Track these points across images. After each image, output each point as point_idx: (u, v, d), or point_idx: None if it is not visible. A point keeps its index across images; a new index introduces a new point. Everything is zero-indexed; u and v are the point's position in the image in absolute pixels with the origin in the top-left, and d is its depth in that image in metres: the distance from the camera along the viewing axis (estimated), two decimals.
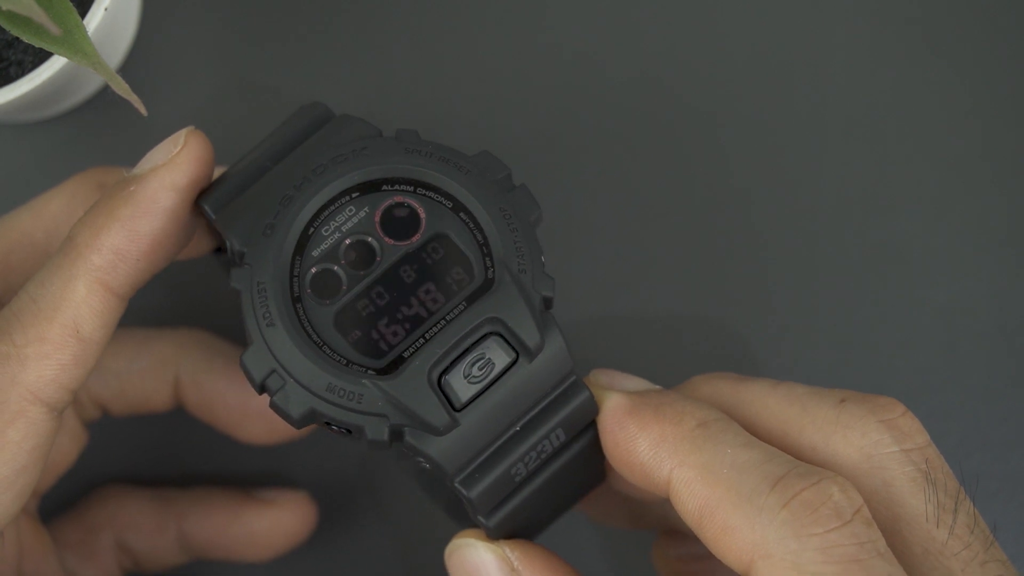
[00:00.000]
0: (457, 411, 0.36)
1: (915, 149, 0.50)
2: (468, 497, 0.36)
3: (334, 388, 0.35)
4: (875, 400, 0.37)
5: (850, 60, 0.50)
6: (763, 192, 0.50)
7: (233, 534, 0.46)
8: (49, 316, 0.37)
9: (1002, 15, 0.50)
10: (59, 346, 0.36)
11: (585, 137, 0.49)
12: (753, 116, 0.50)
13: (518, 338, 0.36)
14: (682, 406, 0.36)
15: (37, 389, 0.36)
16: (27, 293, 0.37)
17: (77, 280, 0.37)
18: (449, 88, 0.49)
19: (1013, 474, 0.49)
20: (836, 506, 0.33)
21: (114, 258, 0.37)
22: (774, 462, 0.34)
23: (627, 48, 0.50)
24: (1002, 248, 0.50)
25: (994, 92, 0.50)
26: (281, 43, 0.49)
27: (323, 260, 0.37)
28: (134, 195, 0.37)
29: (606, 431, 0.37)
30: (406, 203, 0.38)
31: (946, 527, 0.35)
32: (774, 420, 0.37)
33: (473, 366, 0.36)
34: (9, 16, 0.36)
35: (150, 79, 0.48)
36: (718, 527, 0.34)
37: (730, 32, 0.50)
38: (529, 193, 0.38)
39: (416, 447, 0.36)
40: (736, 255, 0.49)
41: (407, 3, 0.49)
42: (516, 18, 0.49)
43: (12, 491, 0.37)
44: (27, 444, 0.37)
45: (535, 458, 0.37)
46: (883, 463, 0.36)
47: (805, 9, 0.50)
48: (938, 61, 0.50)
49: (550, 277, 0.37)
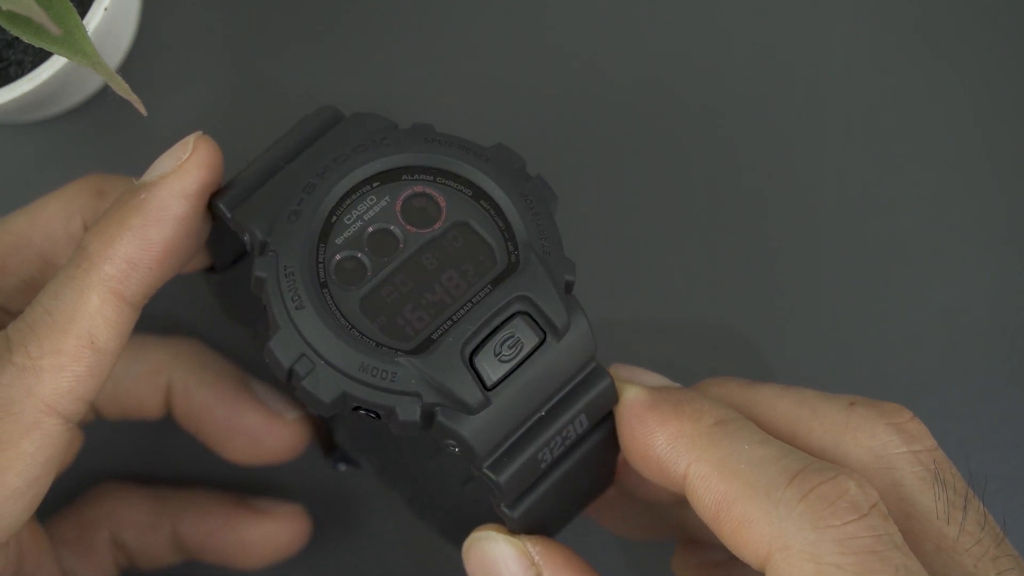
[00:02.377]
0: (488, 390, 0.36)
1: (915, 149, 0.50)
2: (497, 482, 0.36)
3: (367, 367, 0.35)
4: (884, 405, 0.37)
5: (850, 60, 0.50)
6: (763, 192, 0.49)
7: (226, 540, 0.46)
8: (64, 328, 0.36)
9: (1002, 15, 0.50)
10: (74, 357, 0.36)
11: (586, 138, 0.49)
12: (754, 116, 0.50)
13: (546, 317, 0.36)
14: (701, 404, 0.37)
15: (53, 401, 0.36)
16: (40, 305, 0.37)
17: (91, 291, 0.37)
18: (452, 89, 0.49)
19: (1014, 474, 0.49)
20: (853, 500, 0.33)
21: (127, 267, 0.37)
22: (791, 458, 0.35)
23: (629, 49, 0.50)
24: (1002, 248, 0.50)
25: (994, 92, 0.50)
26: (282, 43, 0.49)
27: (347, 247, 0.37)
28: (144, 203, 0.37)
29: (624, 423, 0.37)
30: (426, 192, 0.38)
31: (957, 524, 0.35)
32: (784, 422, 0.38)
33: (503, 345, 0.36)
34: (9, 16, 0.36)
35: (150, 79, 0.48)
36: (735, 521, 0.34)
37: (731, 32, 0.50)
38: (545, 182, 0.38)
39: (448, 427, 0.36)
40: (736, 254, 0.49)
41: (409, 2, 0.49)
42: (519, 20, 0.49)
43: (23, 501, 0.37)
44: (41, 456, 0.37)
45: (560, 443, 0.37)
46: (892, 463, 0.36)
47: (806, 10, 0.50)
48: (938, 61, 0.50)
49: (571, 261, 0.37)
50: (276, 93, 0.49)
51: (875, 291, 0.49)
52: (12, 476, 0.36)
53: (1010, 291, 0.50)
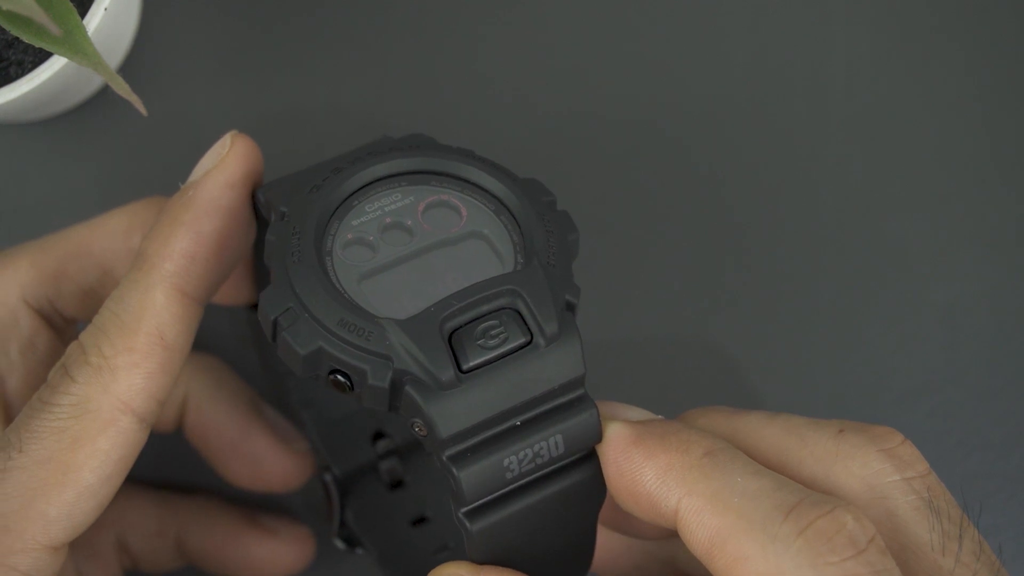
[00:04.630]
0: (463, 372, 0.35)
1: (915, 149, 0.50)
2: (455, 475, 0.35)
3: (346, 323, 0.35)
4: (873, 430, 0.36)
5: (850, 61, 0.50)
6: (763, 191, 0.50)
7: (230, 555, 0.46)
8: (134, 327, 0.37)
9: (1002, 15, 0.50)
10: (146, 355, 0.37)
11: (578, 144, 0.49)
12: (753, 116, 0.50)
13: (535, 319, 0.35)
14: (688, 435, 0.36)
15: (128, 399, 0.37)
16: (108, 310, 0.38)
17: (154, 289, 0.38)
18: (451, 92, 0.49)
19: (1013, 474, 0.49)
20: (851, 535, 0.33)
21: (185, 262, 0.38)
22: (785, 490, 0.34)
23: (626, 55, 0.50)
24: (1002, 248, 0.50)
25: (994, 92, 0.50)
26: (282, 43, 0.49)
27: (360, 229, 0.37)
28: (192, 199, 0.39)
29: (610, 460, 0.36)
30: (451, 201, 0.38)
31: (952, 555, 0.35)
32: (772, 451, 0.37)
33: (487, 333, 0.35)
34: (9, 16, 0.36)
35: (150, 79, 0.48)
36: (730, 557, 0.33)
37: (729, 35, 0.50)
38: (570, 217, 0.38)
39: (414, 399, 0.35)
40: (736, 254, 0.49)
41: (410, 3, 0.49)
42: (518, 31, 0.49)
43: (95, 499, 0.37)
44: (115, 454, 0.37)
45: (530, 459, 0.35)
46: (886, 492, 0.35)
47: (806, 10, 0.50)
48: (938, 61, 0.50)
49: (577, 286, 0.37)
50: (276, 93, 0.49)
51: (874, 291, 0.50)
52: (87, 473, 0.37)
53: (1010, 291, 0.50)
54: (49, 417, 0.37)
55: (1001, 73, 0.50)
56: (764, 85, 0.50)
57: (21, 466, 0.37)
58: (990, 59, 0.50)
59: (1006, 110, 0.50)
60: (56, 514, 0.37)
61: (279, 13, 0.49)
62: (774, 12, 0.50)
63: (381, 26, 0.49)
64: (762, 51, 0.50)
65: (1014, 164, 0.50)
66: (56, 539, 0.37)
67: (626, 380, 0.49)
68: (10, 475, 0.37)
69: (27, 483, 0.37)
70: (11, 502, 0.37)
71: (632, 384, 0.49)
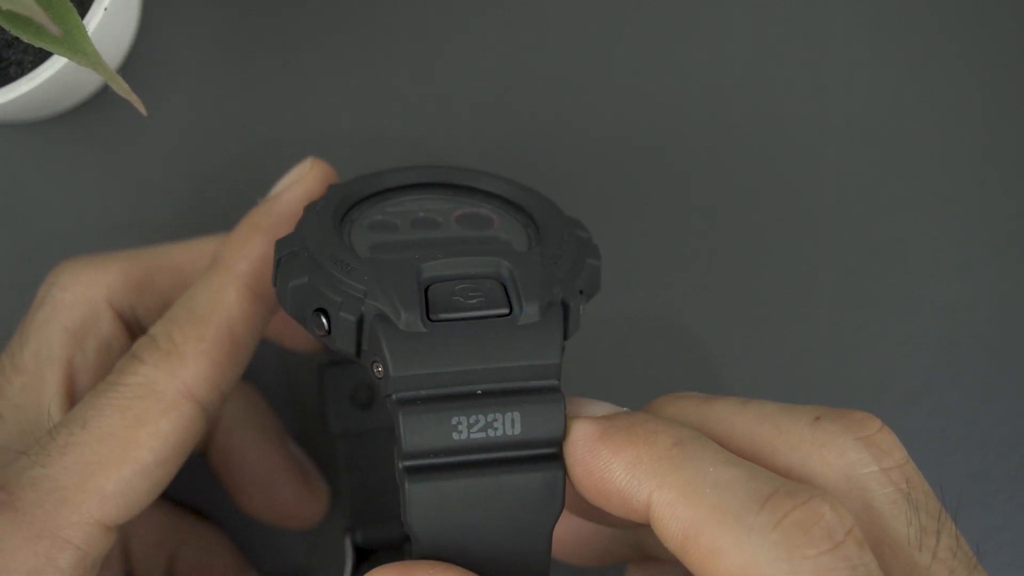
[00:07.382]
0: (430, 320, 0.34)
1: (915, 149, 0.50)
2: (399, 418, 0.34)
3: (336, 259, 0.36)
4: (851, 416, 0.35)
5: (850, 61, 0.50)
6: (763, 191, 0.50)
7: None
8: (205, 319, 0.39)
9: (1002, 15, 0.50)
10: (215, 344, 0.39)
11: (579, 145, 0.49)
12: (753, 115, 0.50)
13: (518, 295, 0.35)
14: (654, 425, 0.34)
15: (193, 384, 0.38)
16: (179, 304, 0.39)
17: (228, 287, 0.39)
18: (450, 98, 0.49)
19: (1013, 474, 0.49)
20: (828, 526, 0.32)
21: (260, 265, 0.40)
22: (759, 479, 0.33)
23: (624, 56, 0.50)
24: (1002, 248, 0.50)
25: (994, 92, 0.50)
26: (282, 43, 0.49)
27: (391, 215, 0.39)
28: (272, 206, 0.41)
29: (577, 460, 0.35)
30: (488, 215, 0.39)
31: (929, 551, 0.34)
32: (744, 440, 0.36)
33: (465, 292, 0.35)
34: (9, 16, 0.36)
35: (150, 79, 0.48)
36: (704, 550, 0.32)
37: (729, 35, 0.50)
38: (597, 248, 0.39)
39: (376, 332, 0.34)
40: (735, 254, 0.49)
41: (410, 9, 0.49)
42: (516, 37, 0.49)
43: (150, 480, 0.38)
44: (174, 437, 0.38)
45: (481, 427, 0.34)
46: (863, 483, 0.34)
47: (806, 10, 0.50)
48: (938, 61, 0.50)
49: (579, 294, 0.36)
50: (276, 93, 0.49)
51: (874, 291, 0.49)
52: (145, 452, 0.38)
53: (1010, 291, 0.50)
54: (114, 396, 0.38)
55: (1001, 73, 0.50)
56: (764, 85, 0.50)
57: (83, 441, 0.37)
58: (990, 59, 0.50)
59: (1006, 110, 0.50)
60: (112, 490, 0.37)
61: (279, 13, 0.49)
62: (774, 12, 0.50)
63: (381, 26, 0.49)
64: (762, 51, 0.50)
65: (1014, 164, 0.50)
66: (109, 516, 0.37)
67: (644, 384, 0.49)
68: (71, 450, 0.37)
69: (87, 457, 0.37)
70: (70, 475, 0.37)
71: (632, 384, 0.49)
